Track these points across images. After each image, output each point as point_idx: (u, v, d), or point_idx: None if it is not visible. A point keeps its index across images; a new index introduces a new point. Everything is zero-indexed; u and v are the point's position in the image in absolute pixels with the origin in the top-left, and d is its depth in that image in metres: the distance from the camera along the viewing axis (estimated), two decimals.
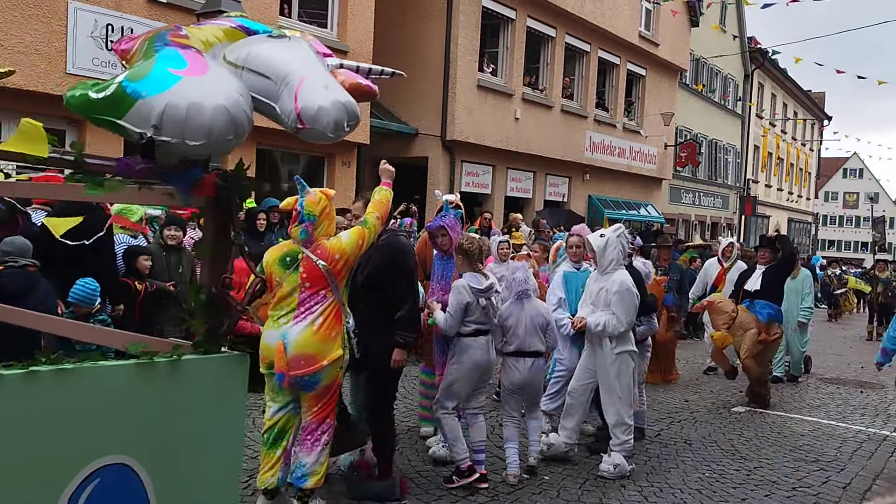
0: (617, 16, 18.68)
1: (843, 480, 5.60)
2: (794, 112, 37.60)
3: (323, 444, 4.13)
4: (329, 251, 4.08)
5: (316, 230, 4.09)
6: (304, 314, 4.02)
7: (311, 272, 4.04)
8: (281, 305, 4.06)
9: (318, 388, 4.03)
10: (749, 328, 7.61)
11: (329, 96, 3.25)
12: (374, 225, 4.30)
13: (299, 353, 3.95)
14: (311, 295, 4.04)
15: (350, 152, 12.83)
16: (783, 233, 9.61)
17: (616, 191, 20.79)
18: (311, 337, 3.98)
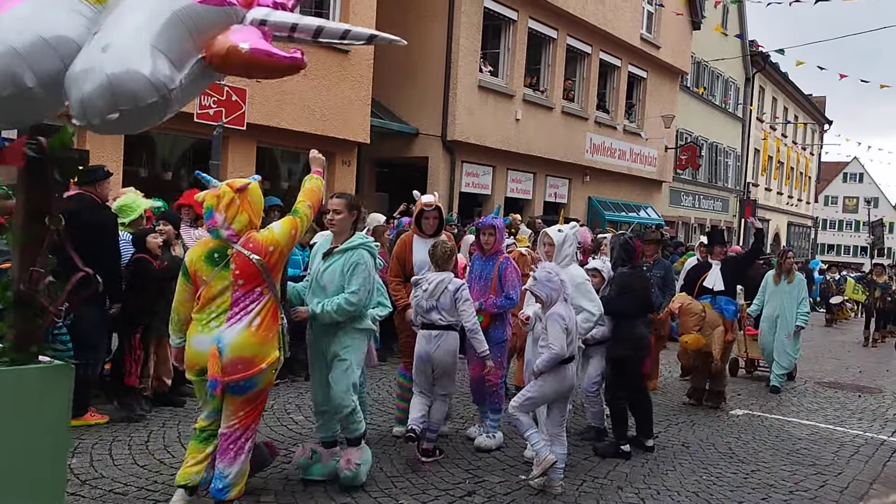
0: (618, 18, 18.69)
1: (840, 484, 5.60)
2: (794, 116, 37.62)
3: (246, 452, 3.96)
4: (262, 244, 3.86)
5: (231, 224, 3.82)
6: (239, 315, 3.78)
7: (244, 268, 3.80)
8: (210, 307, 3.80)
9: (251, 392, 3.85)
10: (717, 326, 7.51)
11: (98, 63, 2.42)
12: (306, 214, 4.14)
13: (236, 356, 3.74)
14: (245, 293, 3.80)
15: (350, 151, 12.84)
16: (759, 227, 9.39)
17: (616, 193, 20.81)
18: (250, 338, 3.78)
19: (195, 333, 3.82)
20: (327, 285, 4.58)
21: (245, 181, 3.94)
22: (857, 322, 19.78)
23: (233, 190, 3.86)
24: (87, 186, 5.55)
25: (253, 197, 3.94)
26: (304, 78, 11.43)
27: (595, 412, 6.14)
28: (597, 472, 5.42)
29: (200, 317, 3.82)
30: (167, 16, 2.61)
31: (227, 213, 3.82)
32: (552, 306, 4.93)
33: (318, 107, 11.71)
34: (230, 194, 3.85)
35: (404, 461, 5.29)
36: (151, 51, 2.50)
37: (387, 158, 15.41)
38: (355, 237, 4.70)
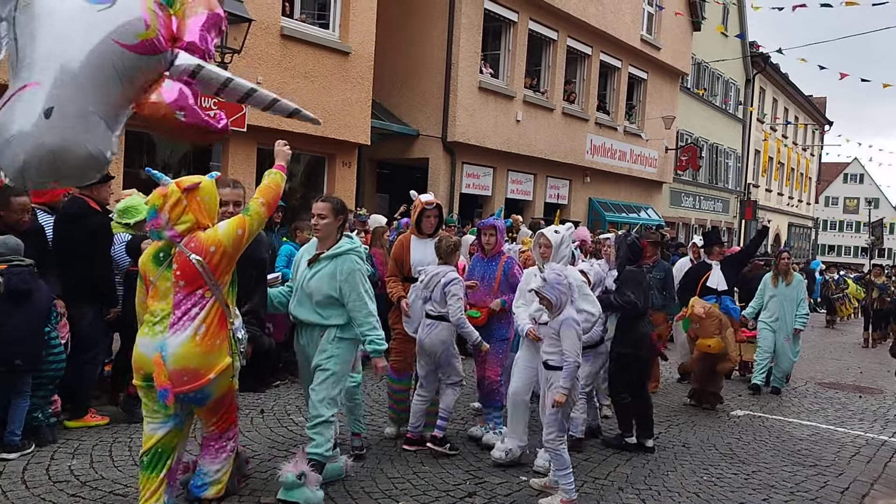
0: (619, 19, 18.70)
1: (841, 485, 5.60)
2: (794, 117, 37.63)
3: (228, 452, 3.88)
4: (203, 244, 3.64)
5: (175, 225, 3.63)
6: (182, 321, 3.58)
7: (185, 268, 3.60)
8: (155, 309, 3.63)
9: (209, 402, 3.69)
10: (728, 327, 7.53)
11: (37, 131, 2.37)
12: (257, 212, 3.85)
13: (180, 367, 3.53)
14: (187, 296, 3.60)
15: (351, 153, 12.84)
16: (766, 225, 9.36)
17: (616, 194, 20.81)
18: (194, 349, 3.56)
19: (141, 335, 3.64)
20: (313, 293, 4.40)
21: (195, 179, 3.71)
22: (857, 323, 19.75)
23: (180, 189, 3.65)
24: (84, 189, 5.46)
25: (203, 196, 3.72)
26: (305, 79, 11.45)
27: (576, 419, 5.72)
28: (598, 473, 5.42)
29: (149, 318, 3.66)
30: (104, 68, 2.57)
31: (171, 213, 3.63)
32: (562, 310, 4.76)
33: (318, 108, 11.69)
34: (177, 194, 3.64)
35: (405, 462, 5.29)
36: (92, 121, 2.50)
37: (387, 160, 15.42)
38: (343, 242, 4.49)
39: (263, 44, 10.71)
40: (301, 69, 11.39)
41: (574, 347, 4.69)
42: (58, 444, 5.10)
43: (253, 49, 10.18)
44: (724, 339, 7.45)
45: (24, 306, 4.80)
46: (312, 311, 4.42)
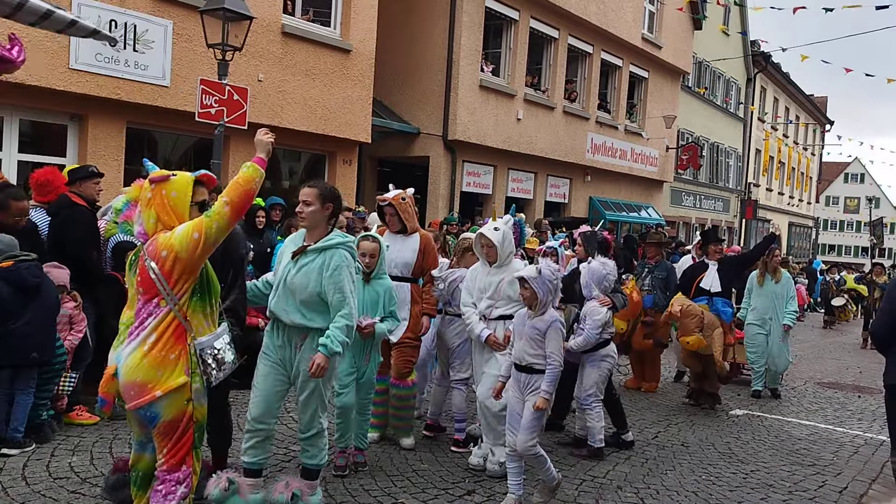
0: (620, 18, 18.69)
1: (839, 484, 5.61)
2: (795, 116, 37.62)
3: (178, 499, 3.21)
4: (157, 247, 3.20)
5: (141, 220, 3.27)
6: (137, 331, 3.21)
7: (143, 274, 3.22)
8: (124, 318, 3.33)
9: (158, 424, 3.19)
10: (716, 327, 7.39)
11: None
12: (219, 213, 3.24)
13: (128, 380, 3.16)
14: (145, 304, 3.22)
15: (351, 151, 12.85)
16: (776, 234, 9.33)
17: (617, 193, 20.81)
18: (141, 359, 3.16)
19: (113, 346, 3.32)
20: (297, 290, 3.97)
21: (165, 172, 3.26)
22: (857, 324, 19.71)
23: (151, 181, 3.25)
24: (72, 186, 5.55)
25: (171, 191, 3.24)
26: (306, 77, 11.45)
27: (591, 427, 5.75)
28: (596, 472, 5.43)
29: (121, 329, 3.33)
30: None
31: (140, 206, 3.29)
32: (545, 310, 4.55)
33: (319, 106, 11.72)
34: (146, 186, 3.25)
35: (404, 459, 5.31)
36: None
37: (388, 158, 15.42)
38: (333, 235, 4.06)
39: (265, 41, 10.71)
40: (302, 67, 11.39)
41: (560, 350, 4.51)
42: (58, 441, 5.11)
43: (254, 46, 10.18)
44: (710, 338, 7.33)
45: (35, 300, 4.85)
46: (295, 311, 4.00)
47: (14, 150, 8.82)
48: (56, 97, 8.75)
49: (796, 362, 11.77)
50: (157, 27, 9.44)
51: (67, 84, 8.68)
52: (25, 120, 9.02)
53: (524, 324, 4.59)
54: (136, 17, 9.22)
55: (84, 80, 8.81)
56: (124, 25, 9.08)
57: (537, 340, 4.49)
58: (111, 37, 3.60)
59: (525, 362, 4.54)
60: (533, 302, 4.53)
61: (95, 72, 8.89)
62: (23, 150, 8.91)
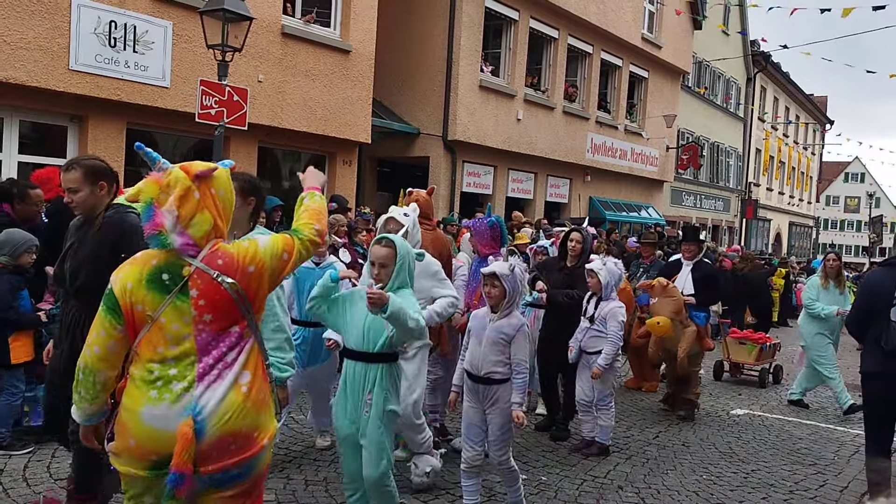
0: (620, 18, 18.69)
1: (840, 484, 5.61)
2: (796, 116, 37.62)
3: None
4: (236, 260, 2.53)
5: (188, 228, 2.48)
6: (217, 369, 2.48)
7: (210, 295, 2.48)
8: (160, 358, 2.46)
9: (245, 482, 2.53)
10: (689, 326, 7.15)
11: None
12: (311, 240, 2.73)
13: (228, 432, 2.44)
14: (217, 335, 2.49)
15: (351, 151, 12.85)
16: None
17: (617, 192, 20.81)
18: (244, 403, 2.48)
19: (145, 403, 2.43)
20: None
21: (209, 165, 2.62)
22: None
23: (189, 176, 2.53)
24: None
25: (219, 190, 2.59)
26: (306, 78, 11.45)
27: (604, 426, 5.84)
28: (597, 472, 5.43)
29: (146, 375, 2.46)
30: None
31: (180, 210, 2.48)
32: (511, 310, 4.20)
33: (319, 107, 11.72)
34: (185, 182, 2.51)
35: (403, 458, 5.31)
36: None
37: (388, 158, 15.42)
38: (254, 234, 3.44)
39: (264, 42, 10.72)
40: (302, 68, 11.39)
41: (528, 357, 4.16)
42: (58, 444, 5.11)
43: (254, 47, 10.18)
44: (683, 334, 7.09)
45: None
46: None
47: (14, 152, 8.83)
48: (56, 98, 8.75)
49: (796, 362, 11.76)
50: (156, 28, 9.45)
51: (67, 85, 8.68)
52: (26, 121, 9.02)
53: (485, 327, 4.16)
54: (135, 18, 9.22)
55: (84, 81, 8.81)
56: (124, 26, 9.09)
57: (502, 345, 4.10)
58: None
59: (483, 372, 4.12)
60: (500, 301, 4.13)
61: (95, 73, 8.89)
62: (23, 152, 8.91)
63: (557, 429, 6.25)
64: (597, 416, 5.85)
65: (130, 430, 2.44)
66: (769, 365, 9.65)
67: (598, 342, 5.80)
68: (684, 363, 7.08)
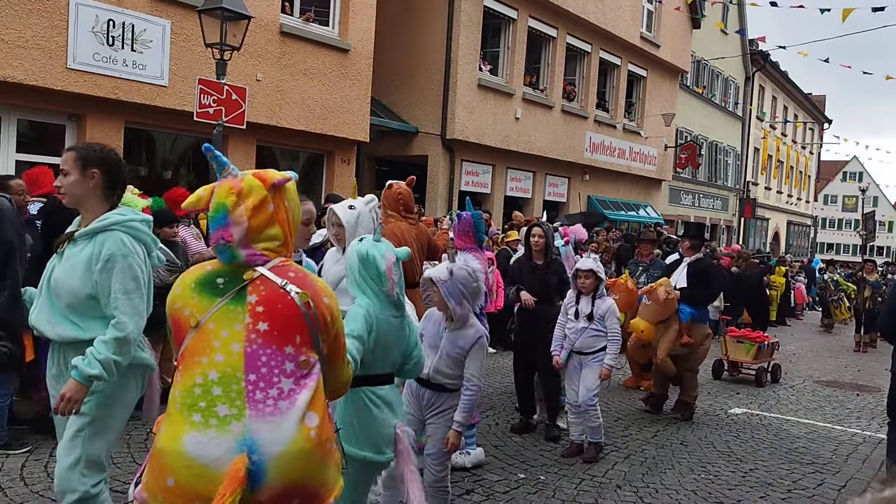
0: (618, 17, 18.69)
1: (838, 483, 5.61)
2: (794, 115, 37.63)
3: None
4: (311, 281, 2.28)
5: (257, 240, 2.22)
6: (271, 397, 2.06)
7: (272, 303, 2.15)
8: (207, 372, 2.07)
9: None
10: (672, 325, 7.12)
11: None
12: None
13: (294, 483, 2.04)
14: (271, 351, 2.10)
15: (349, 150, 12.84)
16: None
17: (615, 191, 20.81)
18: (313, 451, 2.08)
19: (189, 430, 2.01)
20: (59, 290, 2.94)
21: (284, 175, 2.32)
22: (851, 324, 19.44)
23: (266, 186, 2.25)
24: None
25: (290, 203, 2.34)
26: (304, 77, 11.44)
27: (594, 427, 5.72)
28: (595, 471, 5.43)
29: (187, 397, 2.06)
30: None
31: (252, 221, 2.21)
32: (466, 320, 3.72)
33: (317, 105, 11.71)
34: (260, 192, 2.24)
35: None
36: None
37: (386, 157, 15.41)
38: (110, 214, 2.98)
39: (263, 41, 10.70)
40: (300, 66, 11.38)
41: (481, 372, 3.78)
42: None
43: (252, 46, 10.17)
44: (665, 333, 7.05)
45: None
46: (63, 319, 2.93)
47: (12, 150, 8.81)
48: (54, 97, 8.74)
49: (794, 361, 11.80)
50: (155, 27, 9.43)
51: (65, 84, 8.67)
52: (23, 120, 9.01)
53: (439, 334, 3.78)
54: (133, 17, 9.21)
55: (82, 79, 8.80)
56: (122, 25, 9.07)
57: (457, 359, 3.72)
58: None
59: (435, 381, 3.76)
60: (444, 308, 3.72)
61: (93, 71, 8.88)
62: (21, 150, 8.90)
63: (549, 429, 6.21)
64: (586, 418, 5.71)
65: (169, 465, 2.00)
66: (767, 364, 9.65)
67: (597, 341, 5.71)
68: (666, 363, 7.12)
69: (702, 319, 7.34)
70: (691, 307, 7.20)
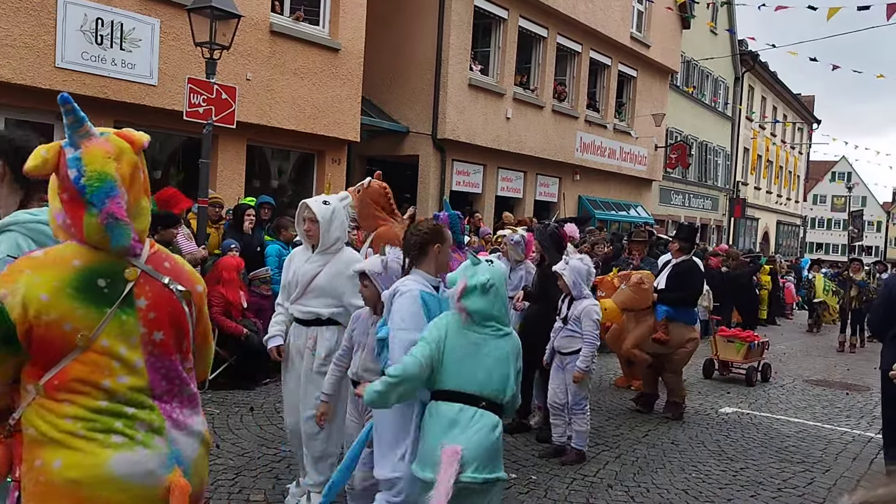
0: (609, 17, 18.73)
1: (828, 481, 5.64)
2: (783, 115, 37.82)
3: None
4: (183, 267, 2.13)
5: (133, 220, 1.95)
6: (175, 405, 2.00)
7: (162, 307, 1.99)
8: (114, 393, 1.89)
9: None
10: (647, 320, 7.13)
11: None
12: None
13: (200, 485, 2.07)
14: (168, 359, 2.00)
15: (340, 150, 12.81)
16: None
17: (606, 191, 20.85)
18: (208, 446, 2.12)
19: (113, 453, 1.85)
20: None
21: (145, 135, 2.06)
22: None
23: (134, 148, 1.99)
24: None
25: (145, 170, 2.07)
26: (295, 76, 11.40)
27: (580, 432, 5.64)
28: (586, 471, 5.43)
29: (94, 423, 1.86)
30: None
31: (130, 191, 1.94)
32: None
33: (308, 105, 11.67)
34: (131, 156, 1.97)
35: None
36: None
37: (377, 157, 15.38)
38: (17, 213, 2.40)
39: (253, 40, 10.66)
40: (290, 66, 11.34)
41: None
42: None
43: (242, 45, 10.13)
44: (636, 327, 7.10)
45: None
46: None
47: None
48: (42, 96, 8.67)
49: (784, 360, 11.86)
50: (144, 26, 9.38)
51: (53, 83, 8.61)
52: (10, 119, 8.93)
53: (366, 332, 3.68)
54: (122, 16, 9.15)
55: (70, 78, 8.74)
56: (111, 24, 9.01)
57: None
58: None
59: (364, 380, 3.58)
60: (376, 303, 3.62)
61: (82, 70, 8.82)
62: None
63: (542, 430, 6.19)
64: (572, 421, 5.64)
65: (93, 497, 1.82)
66: (757, 363, 9.69)
67: (573, 342, 5.63)
68: (634, 353, 7.27)
69: (683, 320, 7.27)
70: (669, 307, 7.20)
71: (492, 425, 3.07)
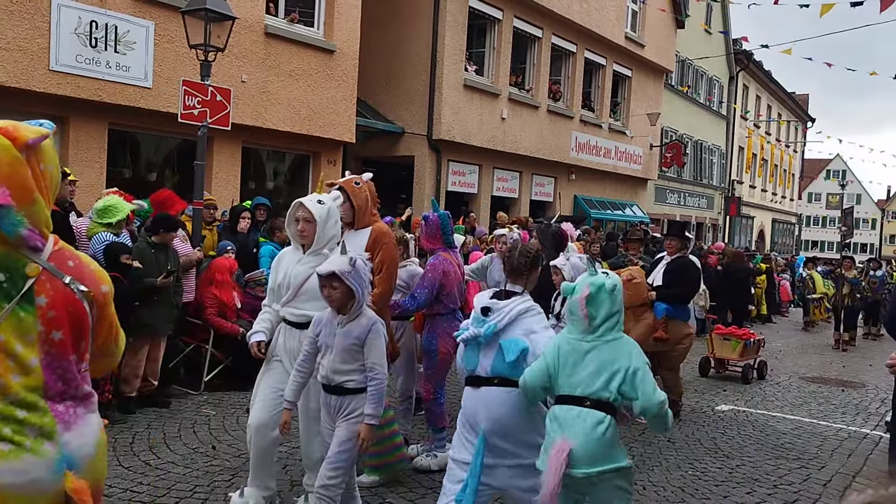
0: (603, 17, 18.76)
1: (823, 478, 5.66)
2: (778, 114, 37.91)
3: None
4: (89, 267, 2.07)
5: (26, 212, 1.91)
6: (70, 406, 1.97)
7: (62, 306, 1.95)
8: (6, 392, 1.86)
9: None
10: (645, 318, 7.07)
11: None
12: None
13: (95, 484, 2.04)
14: (64, 360, 1.96)
15: (336, 151, 12.81)
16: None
17: (601, 191, 20.89)
18: (105, 443, 2.10)
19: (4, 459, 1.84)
20: None
21: (39, 130, 1.95)
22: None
23: (17, 144, 1.89)
24: None
25: (48, 166, 2.00)
26: (290, 78, 11.41)
27: None
28: None
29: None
30: None
31: (11, 186, 1.86)
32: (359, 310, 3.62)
33: (303, 106, 11.68)
34: (11, 152, 1.88)
35: None
36: None
37: (373, 158, 15.39)
38: None
39: (248, 42, 10.66)
40: (286, 67, 11.35)
41: (384, 359, 3.61)
42: None
43: (237, 47, 10.13)
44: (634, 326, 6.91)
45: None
46: None
47: None
48: (36, 99, 8.67)
49: (780, 357, 11.89)
50: (138, 28, 9.38)
51: (47, 86, 8.60)
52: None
53: (333, 333, 3.62)
54: (117, 18, 9.15)
55: (65, 81, 8.74)
56: (105, 26, 9.01)
57: (354, 352, 3.57)
58: None
59: (335, 382, 3.61)
60: (346, 303, 3.57)
61: (76, 73, 8.82)
62: None
63: None
64: None
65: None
66: (753, 361, 9.72)
67: None
68: None
69: (681, 317, 7.29)
70: (668, 304, 7.18)
71: (595, 421, 3.23)
